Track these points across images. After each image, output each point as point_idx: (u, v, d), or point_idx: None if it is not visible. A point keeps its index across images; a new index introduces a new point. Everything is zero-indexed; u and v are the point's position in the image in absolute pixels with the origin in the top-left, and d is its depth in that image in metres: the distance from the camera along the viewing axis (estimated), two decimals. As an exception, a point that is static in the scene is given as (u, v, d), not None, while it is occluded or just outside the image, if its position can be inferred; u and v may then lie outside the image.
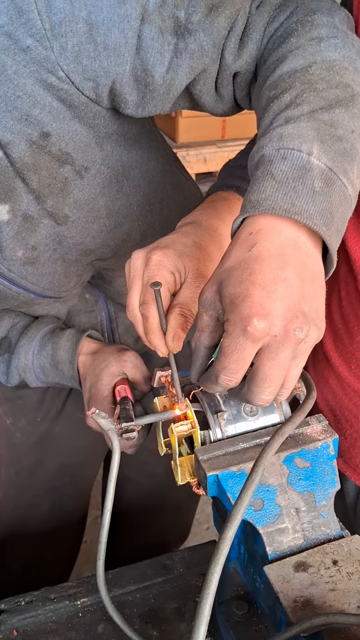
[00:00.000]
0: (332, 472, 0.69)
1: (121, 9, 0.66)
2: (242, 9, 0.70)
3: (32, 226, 0.79)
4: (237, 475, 0.67)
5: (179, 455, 0.75)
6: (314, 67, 0.62)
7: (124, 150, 0.80)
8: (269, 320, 0.51)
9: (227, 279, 0.54)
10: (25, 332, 0.98)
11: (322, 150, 0.56)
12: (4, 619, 0.79)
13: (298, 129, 0.57)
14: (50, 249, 0.83)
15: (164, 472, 1.24)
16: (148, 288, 0.66)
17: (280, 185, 0.54)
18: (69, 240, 0.83)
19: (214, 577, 0.50)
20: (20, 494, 1.17)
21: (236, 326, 0.52)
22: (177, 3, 0.68)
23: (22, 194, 0.75)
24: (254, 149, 0.60)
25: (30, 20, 0.64)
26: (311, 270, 0.55)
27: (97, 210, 0.82)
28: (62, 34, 0.65)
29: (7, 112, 0.68)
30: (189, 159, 2.57)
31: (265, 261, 0.53)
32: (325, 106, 0.59)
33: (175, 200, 0.96)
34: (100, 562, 0.75)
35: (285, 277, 0.52)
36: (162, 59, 0.69)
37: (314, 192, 0.54)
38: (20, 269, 0.83)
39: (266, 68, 0.67)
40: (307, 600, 0.60)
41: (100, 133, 0.75)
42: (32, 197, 0.76)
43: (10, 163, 0.72)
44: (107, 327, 1.05)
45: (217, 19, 0.69)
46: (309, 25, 0.66)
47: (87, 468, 1.26)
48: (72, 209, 0.80)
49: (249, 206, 0.55)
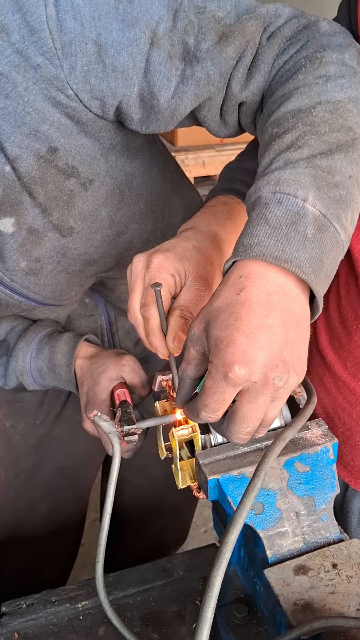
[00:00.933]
0: (331, 476, 0.69)
1: (131, 33, 0.67)
2: (252, 39, 0.70)
3: (37, 239, 0.80)
4: (237, 479, 0.68)
5: (180, 459, 0.75)
6: (318, 109, 0.63)
7: (127, 160, 0.81)
8: (250, 368, 0.53)
9: (214, 320, 0.56)
10: (23, 335, 0.98)
11: (318, 197, 0.57)
12: (5, 622, 0.79)
13: (296, 174, 0.58)
14: (54, 261, 0.84)
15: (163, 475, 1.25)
16: (149, 290, 0.67)
17: (273, 230, 0.56)
18: (73, 251, 0.83)
19: (217, 580, 0.51)
20: (19, 496, 1.18)
21: (218, 370, 0.54)
22: (187, 29, 0.69)
23: (28, 207, 0.76)
24: (251, 188, 0.62)
25: (41, 39, 0.65)
26: (297, 316, 0.56)
27: (100, 220, 0.83)
28: (72, 54, 0.66)
29: (16, 127, 0.69)
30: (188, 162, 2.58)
31: (251, 307, 0.54)
32: (325, 151, 0.60)
33: (176, 207, 0.97)
34: (100, 564, 0.75)
35: (269, 325, 0.54)
36: (168, 83, 0.70)
37: (305, 238, 0.55)
38: (23, 279, 0.84)
39: (272, 102, 0.68)
40: (307, 603, 0.61)
41: (105, 145, 0.76)
42: (38, 211, 0.77)
43: (17, 177, 0.73)
44: (107, 331, 1.06)
45: (226, 48, 0.69)
46: (318, 63, 0.67)
47: (86, 471, 1.26)
48: (77, 220, 0.80)
49: (240, 249, 0.57)
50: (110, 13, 0.66)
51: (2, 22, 0.64)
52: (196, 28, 0.69)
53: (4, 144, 0.70)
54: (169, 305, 0.69)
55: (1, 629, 0.78)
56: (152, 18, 0.67)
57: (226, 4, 0.70)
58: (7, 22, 0.64)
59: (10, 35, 0.65)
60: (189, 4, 0.69)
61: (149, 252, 0.70)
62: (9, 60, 0.65)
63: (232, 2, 0.71)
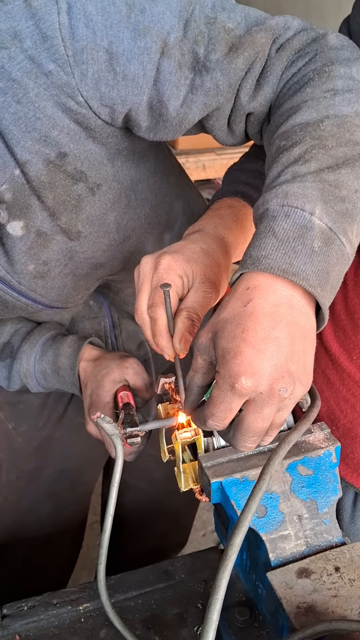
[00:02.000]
0: (334, 480, 0.69)
1: (142, 42, 0.67)
2: (261, 51, 0.71)
3: (45, 242, 0.80)
4: (240, 482, 0.68)
5: (182, 461, 0.75)
6: (325, 123, 0.63)
7: (132, 164, 0.81)
8: (256, 379, 0.54)
9: (222, 331, 0.57)
10: (27, 337, 0.99)
11: (325, 211, 0.58)
12: (6, 624, 0.79)
13: (303, 188, 0.58)
14: (61, 264, 0.84)
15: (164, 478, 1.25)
16: (156, 291, 0.68)
17: (281, 243, 0.56)
18: (80, 255, 0.84)
19: (223, 582, 0.51)
20: (21, 498, 1.18)
21: (225, 381, 0.55)
22: (197, 39, 0.69)
23: (37, 211, 0.77)
24: (259, 200, 0.62)
25: (53, 46, 0.65)
26: (303, 328, 0.57)
27: (107, 225, 0.83)
28: (83, 61, 0.66)
29: (27, 132, 0.70)
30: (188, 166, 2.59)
31: (258, 319, 0.55)
32: (332, 165, 0.61)
33: (180, 210, 0.97)
34: (102, 566, 0.75)
35: (276, 337, 0.55)
36: (177, 93, 0.70)
37: (312, 252, 0.56)
38: (30, 282, 0.84)
39: (280, 114, 0.69)
40: (310, 606, 0.61)
41: (111, 150, 0.77)
42: (47, 214, 0.78)
43: (26, 181, 0.74)
44: (111, 334, 1.06)
45: (235, 59, 0.70)
46: (326, 76, 0.67)
47: (88, 474, 1.26)
48: (85, 224, 0.81)
49: (249, 262, 0.58)
50: (122, 22, 0.67)
51: (15, 29, 0.65)
52: (206, 38, 0.70)
53: (14, 148, 0.71)
54: (176, 306, 0.69)
55: (2, 631, 0.78)
56: (163, 27, 0.68)
57: (236, 15, 0.71)
58: (20, 28, 0.65)
59: (23, 42, 0.65)
60: (200, 14, 0.70)
61: (157, 253, 0.70)
62: (21, 67, 0.66)
63: (242, 13, 0.72)
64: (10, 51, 0.65)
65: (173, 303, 0.68)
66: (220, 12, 0.70)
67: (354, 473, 0.87)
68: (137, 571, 0.85)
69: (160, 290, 0.66)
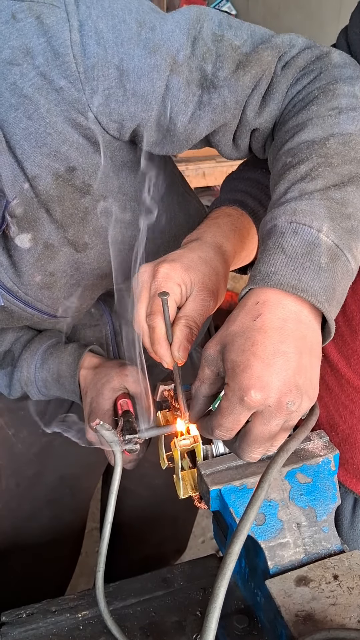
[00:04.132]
0: (332, 488, 0.70)
1: (152, 59, 0.69)
2: (268, 69, 0.73)
3: (52, 254, 0.81)
4: (239, 490, 0.68)
5: (181, 469, 0.75)
6: (331, 141, 0.65)
7: (136, 175, 0.82)
8: (265, 393, 0.55)
9: (231, 344, 0.58)
10: (28, 345, 0.99)
11: (331, 228, 0.59)
12: (5, 632, 0.79)
13: (311, 205, 0.60)
14: (68, 275, 0.85)
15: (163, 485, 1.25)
16: (155, 299, 0.68)
17: (290, 260, 0.58)
18: (86, 266, 0.85)
19: (221, 590, 0.51)
20: (20, 505, 1.17)
21: (234, 393, 0.57)
22: (205, 57, 0.71)
23: (45, 224, 0.78)
24: (267, 216, 0.64)
25: (65, 63, 0.67)
26: (309, 342, 0.58)
27: (113, 236, 0.84)
28: (94, 78, 0.68)
29: (37, 147, 0.71)
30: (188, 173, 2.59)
31: (267, 333, 0.56)
32: (338, 183, 0.62)
33: (182, 219, 0.98)
34: (100, 574, 0.75)
35: (284, 351, 0.56)
36: (185, 109, 0.72)
37: (320, 268, 0.58)
38: (37, 293, 0.85)
39: (285, 131, 0.71)
40: (309, 614, 0.61)
41: (117, 162, 0.78)
42: (54, 227, 0.79)
43: (35, 195, 0.75)
44: (112, 341, 1.06)
45: (243, 77, 0.72)
46: (330, 95, 0.69)
47: (87, 480, 1.26)
48: (92, 236, 0.82)
49: (258, 277, 0.59)
50: (133, 39, 0.68)
51: (28, 46, 0.66)
52: (214, 56, 0.71)
53: (24, 163, 0.72)
54: (174, 314, 0.70)
55: (1, 638, 0.78)
56: (173, 45, 0.70)
57: (242, 33, 0.73)
58: (32, 45, 0.66)
59: (35, 59, 0.66)
60: (207, 32, 0.71)
61: (155, 262, 0.71)
62: (32, 83, 0.67)
63: (248, 30, 0.74)
64: (22, 68, 0.67)
65: (171, 311, 0.68)
66: (227, 30, 0.72)
67: (354, 479, 0.87)
68: (135, 579, 0.85)
69: (159, 298, 0.66)
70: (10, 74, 0.67)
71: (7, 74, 0.66)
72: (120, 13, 0.69)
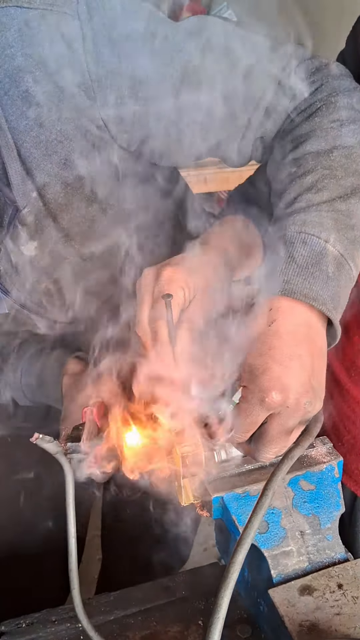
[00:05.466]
0: (336, 495, 0.69)
1: (164, 69, 0.70)
2: (273, 80, 0.75)
3: (58, 262, 0.82)
4: (242, 498, 0.67)
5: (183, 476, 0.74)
6: (335, 153, 0.69)
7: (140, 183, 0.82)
8: (285, 394, 0.58)
9: None
10: (16, 350, 0.99)
11: (337, 239, 0.63)
12: (4, 641, 0.78)
13: (319, 217, 0.64)
14: (72, 282, 0.86)
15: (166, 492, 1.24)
16: (158, 303, 0.68)
17: (301, 270, 0.62)
18: (91, 273, 0.86)
19: (224, 600, 0.50)
20: (21, 513, 1.17)
21: (254, 395, 0.59)
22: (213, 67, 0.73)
23: (52, 232, 0.78)
24: (276, 225, 0.67)
25: (78, 72, 0.67)
26: (319, 347, 0.62)
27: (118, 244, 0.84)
28: (106, 87, 0.68)
29: (47, 155, 0.71)
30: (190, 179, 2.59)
31: (282, 337, 0.60)
32: (342, 195, 0.66)
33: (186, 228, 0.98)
34: (76, 591, 0.70)
35: (299, 354, 0.59)
36: (194, 118, 0.74)
37: (327, 277, 0.62)
38: (41, 300, 0.86)
39: (289, 140, 0.74)
40: (313, 624, 0.60)
41: (124, 172, 0.79)
42: (61, 235, 0.79)
43: (43, 203, 0.75)
44: None
45: (249, 88, 0.74)
46: (332, 107, 0.72)
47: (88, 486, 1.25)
48: (97, 244, 0.83)
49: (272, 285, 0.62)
50: (146, 49, 0.69)
51: (41, 54, 0.66)
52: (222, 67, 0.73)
53: (34, 171, 0.72)
54: (177, 318, 0.69)
55: (1, 648, 0.77)
56: (184, 56, 0.71)
57: (247, 43, 0.75)
58: (45, 53, 0.66)
59: (48, 67, 0.67)
60: (215, 42, 0.73)
61: (159, 265, 0.71)
62: (45, 91, 0.67)
63: (252, 41, 0.75)
64: (35, 75, 0.67)
65: (174, 314, 0.68)
66: (233, 40, 0.74)
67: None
68: (137, 587, 0.84)
69: (162, 301, 0.66)
70: (23, 82, 0.67)
71: (19, 81, 0.67)
72: (133, 23, 0.69)
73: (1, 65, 0.66)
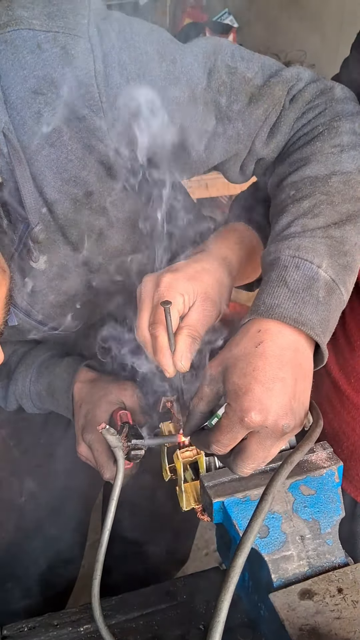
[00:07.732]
0: (336, 500, 0.69)
1: (172, 90, 0.71)
2: (278, 102, 0.76)
3: (66, 274, 0.83)
4: (242, 502, 0.68)
5: (184, 481, 0.75)
6: (333, 179, 0.70)
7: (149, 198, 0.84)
8: (264, 415, 0.59)
9: (233, 367, 0.62)
10: (24, 358, 0.99)
11: (330, 265, 0.65)
12: (6, 645, 0.78)
13: (313, 242, 0.65)
14: (80, 293, 0.87)
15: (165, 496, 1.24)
16: (157, 309, 0.69)
17: (292, 294, 0.63)
18: (99, 284, 0.87)
19: (224, 604, 0.50)
20: (23, 517, 1.17)
21: (235, 413, 0.60)
22: (220, 89, 0.74)
23: (61, 246, 0.80)
24: (270, 247, 0.68)
25: (89, 93, 0.69)
26: (304, 369, 0.63)
27: (124, 255, 0.86)
28: (116, 107, 0.69)
29: (58, 173, 0.73)
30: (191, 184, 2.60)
31: (267, 359, 0.61)
32: (338, 221, 0.67)
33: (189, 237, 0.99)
34: (97, 581, 0.73)
35: (282, 377, 0.60)
36: (200, 139, 0.75)
37: (318, 302, 0.63)
38: (49, 311, 0.87)
39: (289, 163, 0.75)
40: (313, 628, 0.60)
41: (131, 186, 0.80)
42: (70, 249, 0.80)
43: (52, 219, 0.76)
44: None
45: (255, 110, 0.76)
46: (334, 132, 0.73)
47: (89, 491, 1.26)
48: (105, 257, 0.84)
49: (262, 308, 0.63)
50: (154, 71, 0.71)
51: (52, 76, 0.67)
52: (228, 89, 0.74)
53: (44, 188, 0.73)
54: (177, 324, 0.70)
55: (3, 652, 0.77)
56: (191, 78, 0.73)
57: (254, 65, 0.76)
58: (56, 75, 0.67)
59: (59, 88, 0.68)
60: (222, 64, 0.75)
61: (159, 272, 0.72)
62: (56, 112, 0.69)
63: (259, 62, 0.77)
64: (46, 97, 0.68)
65: (174, 321, 0.69)
66: (239, 62, 0.75)
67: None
68: (138, 592, 0.85)
69: (161, 308, 0.67)
70: (35, 103, 0.68)
71: (32, 102, 0.68)
72: (142, 45, 0.71)
73: (14, 87, 0.67)
